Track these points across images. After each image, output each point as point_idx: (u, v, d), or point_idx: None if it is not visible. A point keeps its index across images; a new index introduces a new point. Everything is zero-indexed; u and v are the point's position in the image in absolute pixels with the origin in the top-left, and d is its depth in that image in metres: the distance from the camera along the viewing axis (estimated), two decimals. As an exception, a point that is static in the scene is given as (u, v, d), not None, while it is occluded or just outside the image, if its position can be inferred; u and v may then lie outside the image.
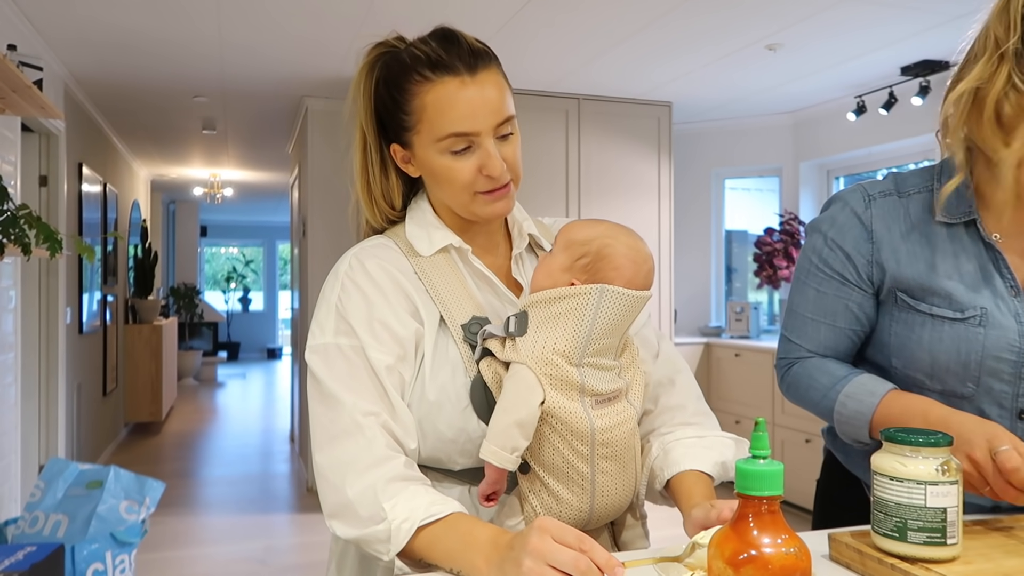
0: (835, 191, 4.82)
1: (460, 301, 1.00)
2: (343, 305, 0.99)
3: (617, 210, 4.50)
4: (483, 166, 0.98)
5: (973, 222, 1.09)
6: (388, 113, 1.02)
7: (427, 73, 0.97)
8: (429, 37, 1.01)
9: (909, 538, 0.87)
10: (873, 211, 1.14)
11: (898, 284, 1.12)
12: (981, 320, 1.06)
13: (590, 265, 0.97)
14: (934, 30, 3.30)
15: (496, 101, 0.98)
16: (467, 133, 0.97)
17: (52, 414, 3.82)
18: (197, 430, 6.62)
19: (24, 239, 2.31)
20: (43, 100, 2.56)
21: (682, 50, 3.67)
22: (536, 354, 0.92)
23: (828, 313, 1.17)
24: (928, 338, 1.09)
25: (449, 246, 1.04)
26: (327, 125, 4.63)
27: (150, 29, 3.44)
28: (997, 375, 1.07)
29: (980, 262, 1.09)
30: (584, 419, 0.93)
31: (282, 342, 13.30)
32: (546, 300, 0.95)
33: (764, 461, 0.68)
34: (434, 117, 0.97)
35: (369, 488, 0.89)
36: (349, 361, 0.96)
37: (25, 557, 0.68)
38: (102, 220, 5.25)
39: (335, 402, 0.94)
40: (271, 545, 3.73)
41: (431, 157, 1.00)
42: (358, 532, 0.89)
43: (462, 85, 0.97)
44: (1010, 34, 0.97)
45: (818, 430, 3.89)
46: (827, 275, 1.17)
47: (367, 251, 1.04)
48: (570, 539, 0.76)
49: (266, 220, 12.72)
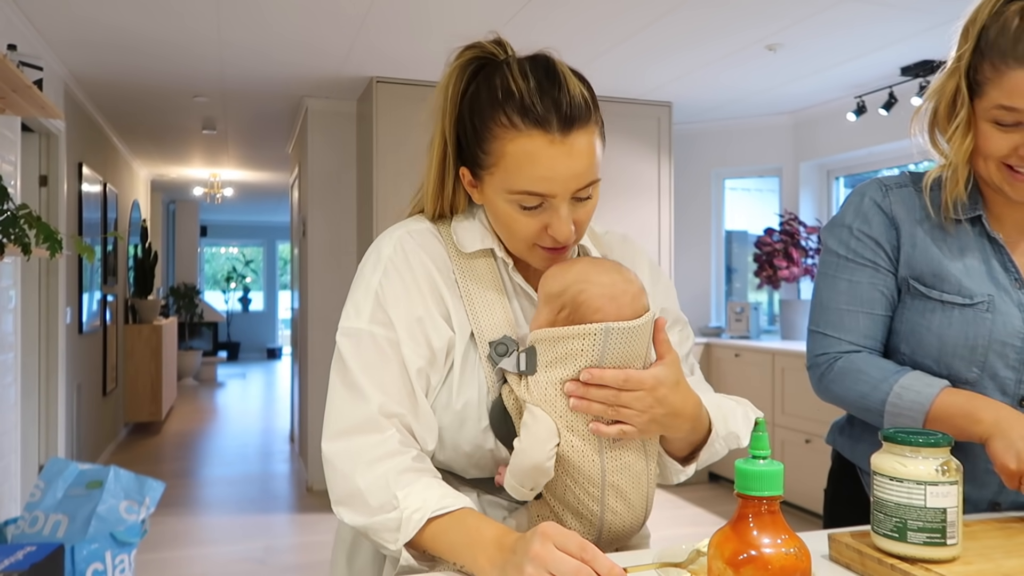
0: (835, 191, 4.86)
1: (494, 316, 0.97)
2: (383, 292, 0.96)
3: (617, 210, 4.50)
4: (550, 226, 0.93)
5: (979, 219, 1.16)
6: (467, 139, 0.96)
7: (515, 120, 0.89)
8: (531, 68, 0.92)
9: (909, 538, 0.87)
10: (891, 199, 1.20)
11: (911, 271, 1.17)
12: (989, 307, 1.11)
13: (571, 315, 0.92)
14: (934, 30, 3.30)
15: (583, 167, 0.90)
16: (542, 194, 0.91)
17: (52, 414, 3.82)
18: (197, 430, 6.62)
19: (24, 239, 2.31)
20: (43, 100, 2.56)
21: (682, 50, 3.67)
22: (549, 397, 0.91)
23: (865, 302, 1.19)
24: (938, 323, 1.14)
25: (492, 252, 1.01)
26: (327, 125, 4.63)
27: (150, 29, 3.44)
28: (1003, 359, 1.11)
29: (985, 256, 1.15)
30: (596, 463, 0.92)
31: (282, 342, 13.30)
32: (552, 339, 0.91)
33: (764, 461, 0.68)
34: (511, 168, 0.91)
35: (381, 477, 0.89)
36: (382, 353, 0.94)
37: (25, 557, 0.68)
38: (102, 220, 5.25)
39: (359, 395, 0.93)
40: (271, 545, 3.73)
41: (498, 201, 0.94)
42: (367, 520, 0.88)
43: (550, 144, 0.89)
44: (962, 45, 1.11)
45: (818, 430, 3.90)
46: (859, 264, 1.20)
47: (412, 236, 1.00)
48: (572, 547, 0.76)
49: (266, 220, 12.72)
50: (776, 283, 4.62)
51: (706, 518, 4.07)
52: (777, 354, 4.19)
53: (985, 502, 1.18)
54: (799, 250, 4.55)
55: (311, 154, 4.62)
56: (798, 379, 4.02)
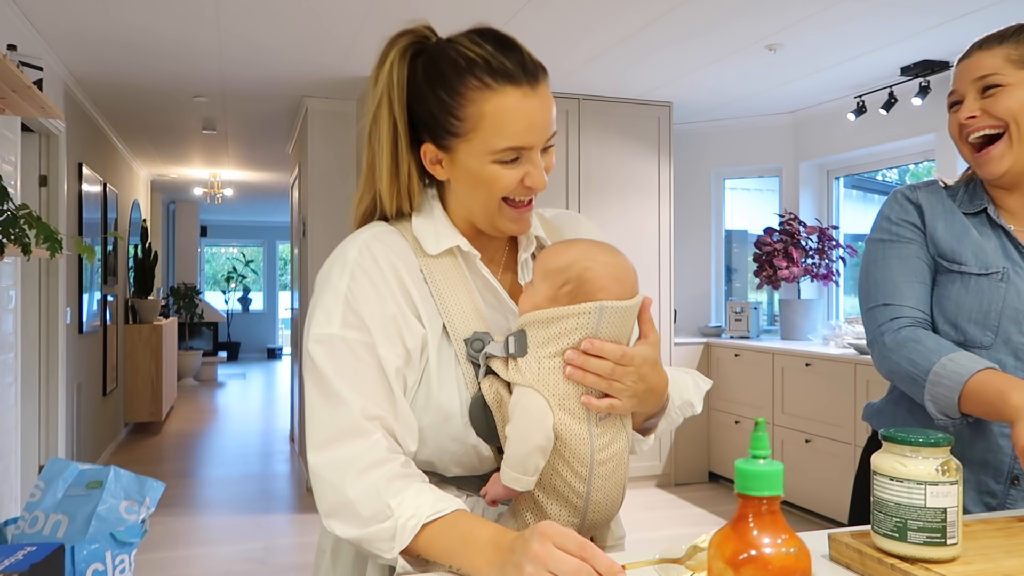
0: (835, 191, 4.86)
1: (464, 312, 0.98)
2: (353, 295, 0.94)
3: (616, 210, 4.50)
4: (527, 176, 0.96)
5: (985, 211, 1.28)
6: (431, 114, 0.97)
7: (487, 80, 0.93)
8: (480, 37, 0.96)
9: (909, 538, 0.87)
10: (919, 193, 1.34)
11: (936, 249, 1.30)
12: (1003, 277, 1.23)
13: (574, 291, 0.94)
14: (934, 30, 3.30)
15: (550, 115, 0.96)
16: (523, 147, 0.94)
17: (52, 414, 3.82)
18: (197, 430, 6.62)
19: (24, 239, 2.31)
20: (43, 100, 2.56)
21: (682, 50, 3.67)
22: (542, 376, 0.92)
23: (917, 272, 1.30)
24: (956, 292, 1.25)
25: (456, 248, 1.01)
26: (327, 125, 4.63)
27: (150, 29, 3.44)
28: (1016, 325, 1.21)
29: (1000, 241, 1.26)
30: (586, 441, 0.93)
31: (282, 342, 13.29)
32: (544, 320, 0.93)
33: (764, 461, 0.68)
34: (492, 127, 0.93)
35: (371, 487, 0.88)
36: (357, 357, 0.93)
37: (25, 557, 0.68)
38: (102, 220, 5.25)
39: (339, 401, 0.92)
40: (271, 545, 3.73)
41: (478, 164, 0.96)
42: (360, 531, 0.88)
43: (524, 97, 0.93)
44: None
45: (817, 430, 3.90)
46: (905, 241, 1.31)
47: (378, 238, 0.99)
48: (571, 546, 0.76)
49: (266, 220, 12.72)
50: (776, 283, 4.62)
51: (706, 518, 4.07)
52: (777, 354, 4.19)
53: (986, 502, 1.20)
54: (799, 250, 4.55)
55: (311, 154, 4.62)
56: (798, 379, 4.02)
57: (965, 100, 1.24)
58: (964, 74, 1.25)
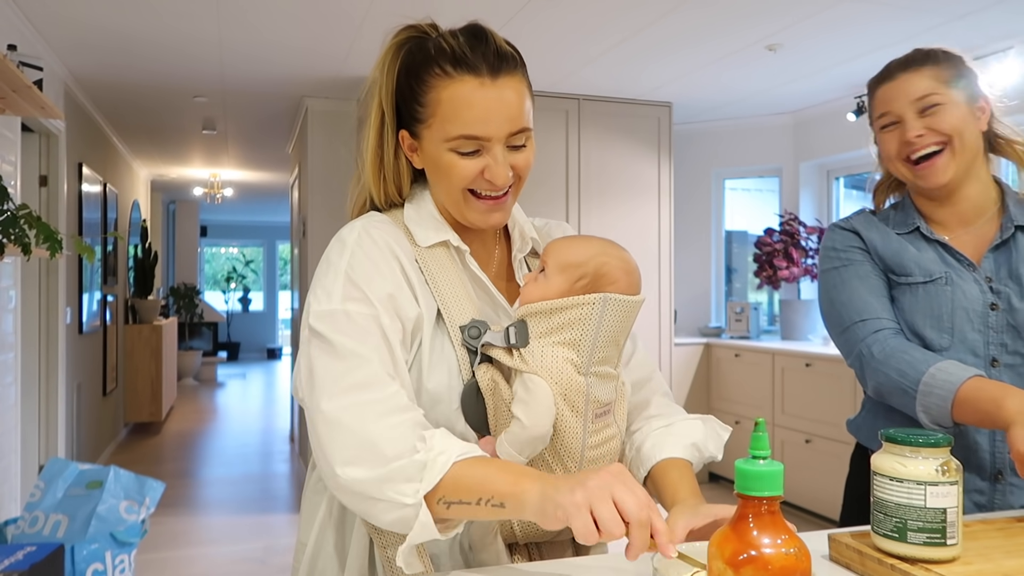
0: (835, 191, 4.86)
1: (459, 300, 0.98)
2: (354, 270, 0.94)
3: (617, 210, 4.50)
4: (487, 169, 0.96)
5: (918, 229, 1.33)
6: (404, 100, 1.00)
7: (447, 68, 0.95)
8: (459, 31, 0.98)
9: (909, 539, 0.87)
10: (852, 222, 1.40)
11: (884, 265, 1.34)
12: (947, 281, 1.28)
13: (590, 284, 0.97)
14: (934, 30, 3.29)
15: (513, 109, 0.95)
16: (477, 137, 0.95)
17: (52, 414, 3.82)
18: (197, 430, 6.62)
19: (24, 239, 2.31)
20: (43, 100, 2.56)
21: (682, 50, 3.67)
22: (547, 364, 0.92)
23: (879, 288, 1.34)
24: (908, 301, 1.31)
25: (447, 242, 1.02)
26: (327, 125, 4.63)
27: (150, 29, 3.44)
28: (969, 324, 1.26)
29: (936, 253, 1.31)
30: (579, 437, 0.94)
31: (282, 342, 13.29)
32: (547, 311, 0.94)
33: (764, 461, 0.68)
34: (447, 114, 0.95)
35: (397, 426, 0.85)
36: (360, 327, 0.91)
37: (25, 557, 0.68)
38: (102, 220, 5.24)
39: (355, 356, 0.89)
40: (271, 545, 3.73)
41: (437, 151, 0.97)
42: (382, 470, 0.82)
43: (480, 86, 0.94)
44: None
45: (817, 430, 3.90)
46: (858, 262, 1.36)
47: (375, 224, 1.00)
48: (640, 494, 0.76)
49: (266, 220, 12.71)
50: (776, 283, 4.62)
51: (706, 518, 4.06)
52: (777, 354, 4.19)
53: (986, 502, 1.21)
54: (799, 250, 4.55)
55: (311, 154, 4.62)
56: (798, 379, 4.02)
57: (905, 120, 1.28)
58: (898, 96, 1.28)
